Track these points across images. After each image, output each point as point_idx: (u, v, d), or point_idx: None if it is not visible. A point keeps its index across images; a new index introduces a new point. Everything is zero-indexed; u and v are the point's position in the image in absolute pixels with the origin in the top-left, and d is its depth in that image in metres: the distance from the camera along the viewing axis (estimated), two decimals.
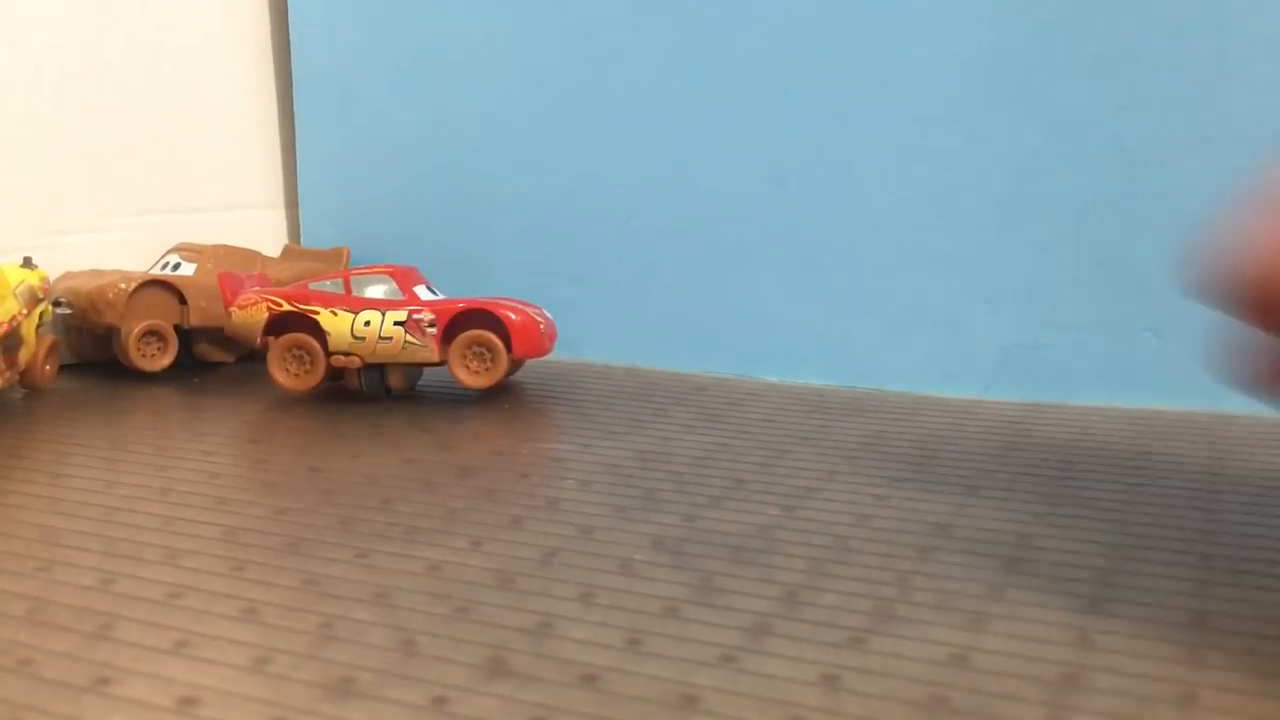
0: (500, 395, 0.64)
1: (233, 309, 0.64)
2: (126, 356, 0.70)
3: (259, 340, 0.64)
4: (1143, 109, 0.60)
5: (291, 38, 0.83)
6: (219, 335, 0.72)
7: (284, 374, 0.63)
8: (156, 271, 0.73)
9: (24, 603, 0.36)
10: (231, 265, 0.74)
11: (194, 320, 0.72)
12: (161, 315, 0.71)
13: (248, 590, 0.37)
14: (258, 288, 0.66)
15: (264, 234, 0.83)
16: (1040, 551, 0.39)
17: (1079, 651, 0.31)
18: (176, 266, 0.73)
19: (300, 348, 0.63)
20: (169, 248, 0.76)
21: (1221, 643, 0.32)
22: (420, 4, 0.78)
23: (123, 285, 0.69)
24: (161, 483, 0.49)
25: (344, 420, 0.60)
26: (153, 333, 0.70)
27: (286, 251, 0.82)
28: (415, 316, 0.62)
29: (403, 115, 0.80)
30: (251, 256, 0.77)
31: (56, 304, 0.70)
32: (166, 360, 0.71)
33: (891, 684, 0.30)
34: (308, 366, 0.63)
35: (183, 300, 0.71)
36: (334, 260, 0.80)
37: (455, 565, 0.39)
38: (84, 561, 0.40)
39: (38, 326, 0.65)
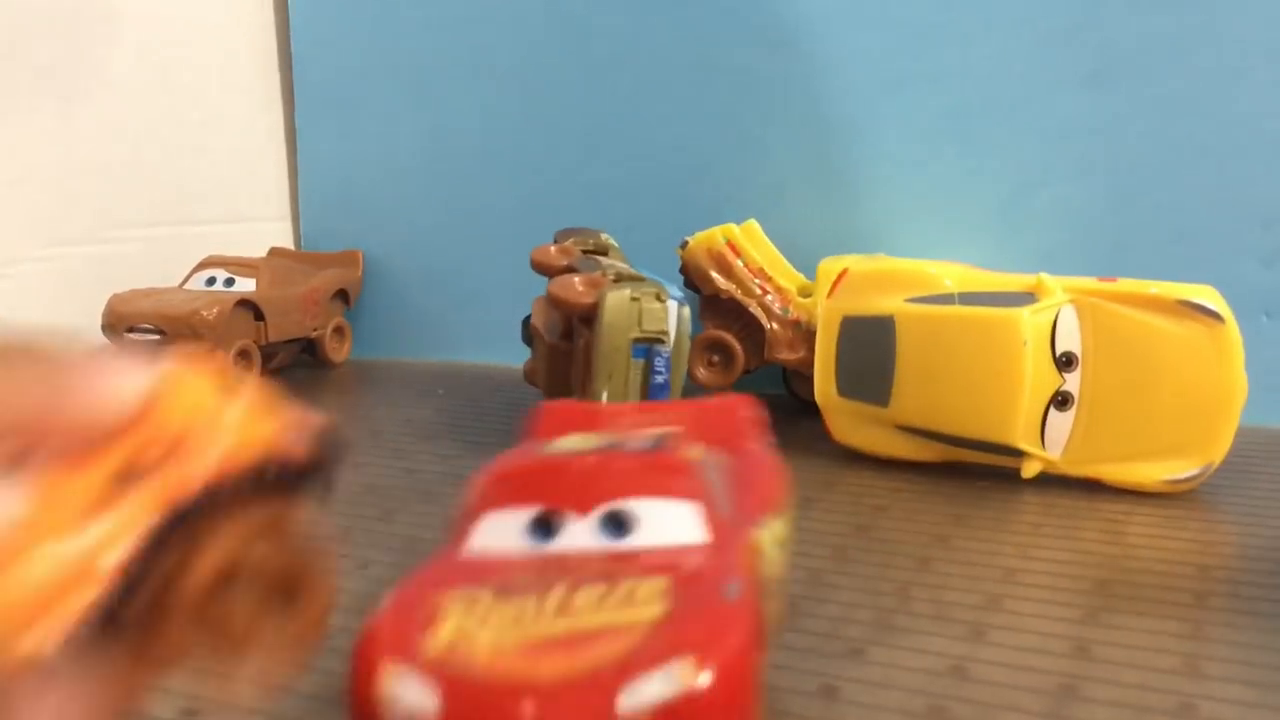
0: (496, 399, 0.64)
1: None
2: None
3: None
4: (1141, 119, 0.60)
5: (293, 50, 0.83)
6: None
7: None
8: (198, 287, 0.73)
9: None
10: (288, 276, 0.75)
11: (272, 336, 0.72)
12: (245, 334, 0.71)
13: None
14: None
15: (273, 246, 0.84)
16: (1038, 562, 0.39)
17: (1077, 662, 0.32)
18: (230, 282, 0.73)
19: None
20: (198, 262, 0.75)
21: (1219, 653, 0.32)
22: (420, 16, 0.79)
23: (218, 307, 0.68)
24: None
25: (345, 430, 0.60)
26: (242, 352, 0.70)
27: (274, 252, 0.83)
28: None
29: (403, 126, 0.80)
30: (302, 264, 0.78)
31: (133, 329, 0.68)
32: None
33: (891, 694, 0.30)
34: None
35: (259, 317, 0.71)
36: (350, 263, 0.81)
37: None
38: None
39: None
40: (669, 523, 0.27)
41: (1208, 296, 0.46)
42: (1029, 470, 0.47)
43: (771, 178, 0.69)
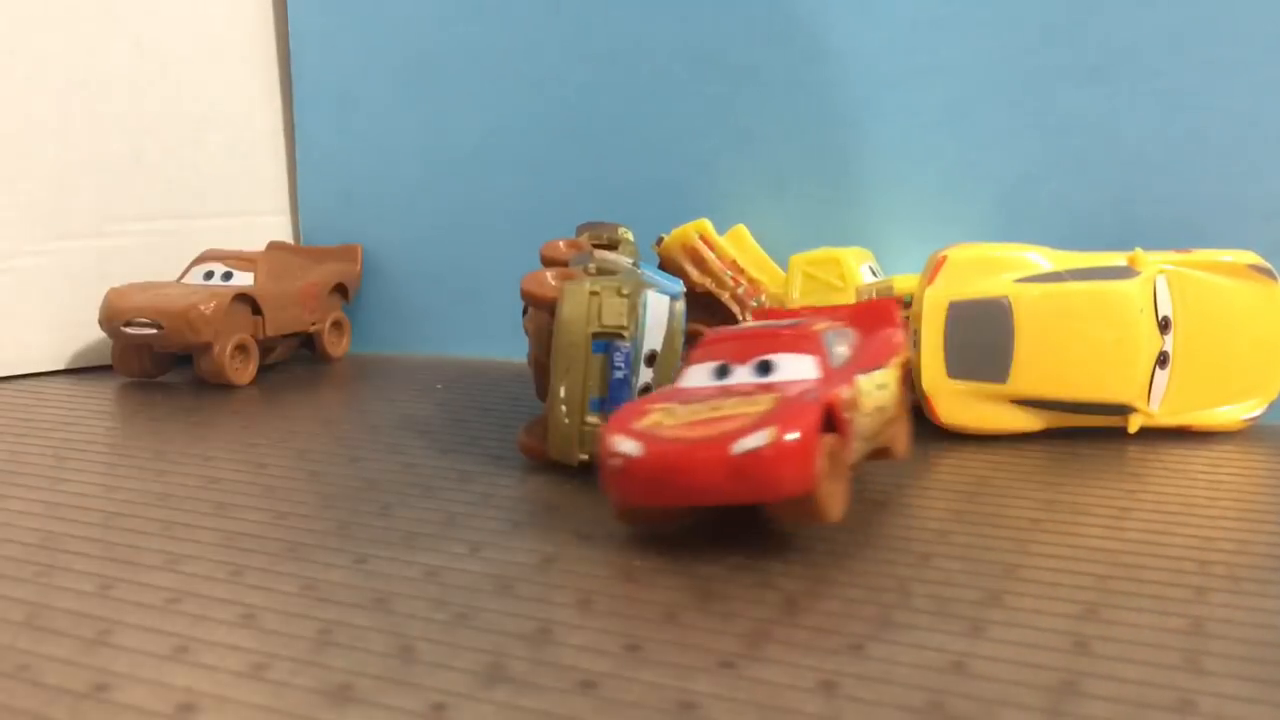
0: (495, 394, 0.64)
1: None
2: (220, 372, 0.69)
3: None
4: (1142, 112, 0.60)
5: (291, 44, 0.83)
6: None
7: None
8: (196, 281, 0.73)
9: (22, 608, 0.36)
10: (286, 270, 0.75)
11: (270, 331, 0.72)
12: (243, 328, 0.70)
13: (247, 595, 0.37)
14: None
15: (272, 240, 0.83)
16: (1038, 558, 0.39)
17: (1077, 658, 0.31)
18: (228, 276, 0.73)
19: None
20: (195, 256, 0.75)
21: (1220, 649, 0.32)
22: (419, 11, 0.79)
23: (215, 301, 0.68)
24: (161, 487, 0.49)
25: (343, 425, 0.60)
26: (239, 346, 0.70)
27: (273, 246, 0.82)
28: None
29: (401, 121, 0.80)
30: (300, 258, 0.78)
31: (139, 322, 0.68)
32: (251, 372, 0.71)
33: (890, 690, 0.30)
34: None
35: (257, 311, 0.71)
36: (349, 258, 0.80)
37: (454, 571, 0.39)
38: (83, 566, 0.40)
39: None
40: (795, 367, 0.43)
41: (1259, 259, 0.55)
42: (1134, 425, 0.53)
43: (771, 172, 0.69)
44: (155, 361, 0.71)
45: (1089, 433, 0.54)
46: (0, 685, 0.31)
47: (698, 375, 0.44)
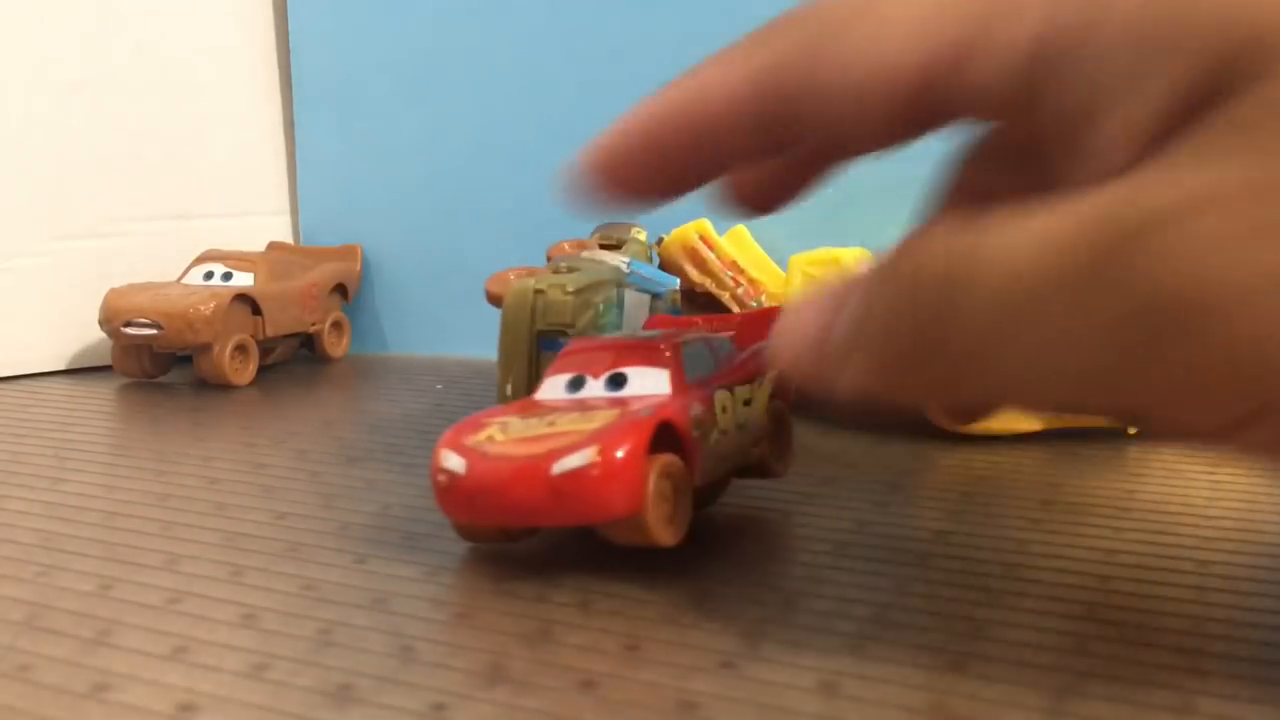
0: (495, 395, 0.64)
1: None
2: (220, 372, 0.69)
3: None
4: None
5: (291, 43, 0.83)
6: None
7: None
8: (196, 282, 0.73)
9: (22, 608, 0.36)
10: (286, 270, 0.75)
11: (270, 331, 0.72)
12: (243, 328, 0.70)
13: (246, 596, 0.37)
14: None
15: (271, 240, 0.84)
16: (1038, 558, 0.39)
17: (1077, 658, 0.31)
18: (228, 277, 0.73)
19: None
20: (195, 256, 0.75)
21: (1221, 650, 0.32)
22: (419, 11, 0.79)
23: (214, 302, 0.68)
24: (161, 487, 0.49)
25: (343, 425, 0.60)
26: (239, 347, 0.70)
27: (273, 246, 0.82)
28: None
29: (402, 121, 0.80)
30: (300, 258, 0.78)
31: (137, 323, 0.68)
32: (251, 373, 0.71)
33: (890, 690, 0.30)
34: None
35: (256, 311, 0.71)
36: (349, 258, 0.81)
37: (454, 571, 0.39)
38: (83, 567, 0.40)
39: None
40: (646, 381, 0.41)
41: None
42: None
43: None
44: (155, 361, 0.71)
45: (1089, 433, 0.54)
46: (0, 685, 0.31)
47: (552, 388, 0.42)
